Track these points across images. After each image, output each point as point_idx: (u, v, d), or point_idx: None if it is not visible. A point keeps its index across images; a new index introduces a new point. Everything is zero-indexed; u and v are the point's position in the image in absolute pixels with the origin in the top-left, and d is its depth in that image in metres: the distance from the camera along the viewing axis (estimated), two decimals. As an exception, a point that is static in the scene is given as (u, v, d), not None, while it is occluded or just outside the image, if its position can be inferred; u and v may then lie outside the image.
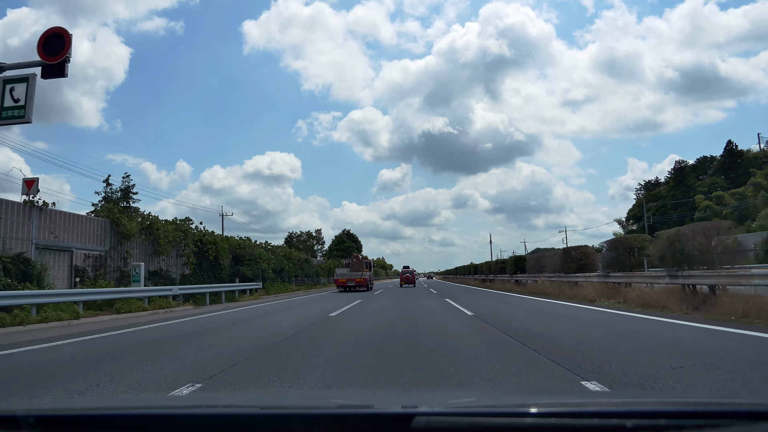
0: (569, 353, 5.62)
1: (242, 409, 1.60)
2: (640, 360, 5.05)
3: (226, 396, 3.45)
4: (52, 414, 1.46)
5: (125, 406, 1.88)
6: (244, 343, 7.38)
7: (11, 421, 1.29)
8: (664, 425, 1.15)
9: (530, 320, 10.37)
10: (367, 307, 15.05)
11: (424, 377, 4.56)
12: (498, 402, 1.86)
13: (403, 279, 44.09)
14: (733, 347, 5.92)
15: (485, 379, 4.44)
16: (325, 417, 1.36)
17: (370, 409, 1.60)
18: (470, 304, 14.55)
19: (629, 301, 12.37)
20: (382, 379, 4.57)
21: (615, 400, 2.09)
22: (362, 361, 5.61)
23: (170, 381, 4.61)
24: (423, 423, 1.11)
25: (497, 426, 1.18)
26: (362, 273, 29.64)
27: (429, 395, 2.72)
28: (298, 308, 15.51)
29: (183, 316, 13.27)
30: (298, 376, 4.72)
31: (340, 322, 10.52)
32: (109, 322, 11.96)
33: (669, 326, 8.03)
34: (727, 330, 7.21)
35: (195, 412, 1.49)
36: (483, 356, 5.71)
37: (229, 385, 4.47)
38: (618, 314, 10.38)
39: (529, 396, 2.49)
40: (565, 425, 1.19)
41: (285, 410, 1.58)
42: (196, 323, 11.15)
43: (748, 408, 1.36)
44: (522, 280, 26.41)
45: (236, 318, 12.48)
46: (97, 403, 2.43)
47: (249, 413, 1.46)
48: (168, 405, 1.89)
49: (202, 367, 5.28)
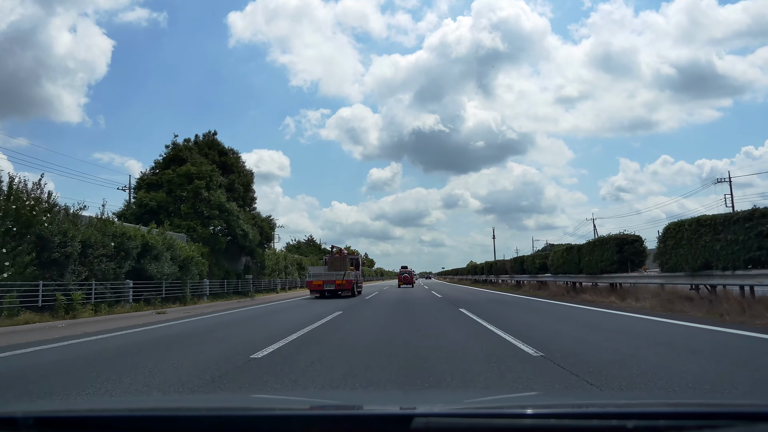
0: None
1: (242, 411, 1.60)
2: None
3: (226, 397, 3.45)
4: (51, 415, 1.46)
5: (124, 407, 1.88)
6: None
7: (10, 423, 1.29)
8: (665, 426, 1.15)
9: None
10: (330, 342, 7.21)
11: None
12: (498, 403, 1.86)
13: (401, 279, 44.17)
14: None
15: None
16: (324, 418, 1.36)
17: (370, 410, 1.60)
18: (518, 328, 8.38)
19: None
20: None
21: (615, 400, 2.09)
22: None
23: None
24: (422, 424, 1.11)
25: (497, 427, 1.18)
26: (345, 273, 21.95)
27: (428, 396, 2.72)
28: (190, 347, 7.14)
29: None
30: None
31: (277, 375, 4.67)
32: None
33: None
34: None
35: (194, 414, 1.49)
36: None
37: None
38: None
39: (529, 397, 2.49)
40: (565, 426, 1.18)
41: (285, 411, 1.58)
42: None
43: (748, 409, 1.36)
44: (546, 281, 23.21)
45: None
46: (96, 405, 2.42)
47: (248, 414, 1.46)
48: (167, 406, 1.89)
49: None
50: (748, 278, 10.05)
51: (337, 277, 21.90)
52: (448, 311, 12.82)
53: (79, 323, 11.28)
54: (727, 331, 7.52)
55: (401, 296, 23.10)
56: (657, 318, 9.78)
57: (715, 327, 8.00)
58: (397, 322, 10.35)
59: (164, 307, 16.55)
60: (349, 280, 22.13)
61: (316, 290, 22.42)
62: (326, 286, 21.84)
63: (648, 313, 10.92)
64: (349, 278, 22.15)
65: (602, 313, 11.51)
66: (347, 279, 21.97)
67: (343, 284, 21.86)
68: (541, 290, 22.89)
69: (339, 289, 21.86)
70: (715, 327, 8.00)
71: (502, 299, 18.72)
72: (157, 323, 11.03)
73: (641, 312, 11.19)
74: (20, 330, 9.88)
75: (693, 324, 8.52)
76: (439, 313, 12.18)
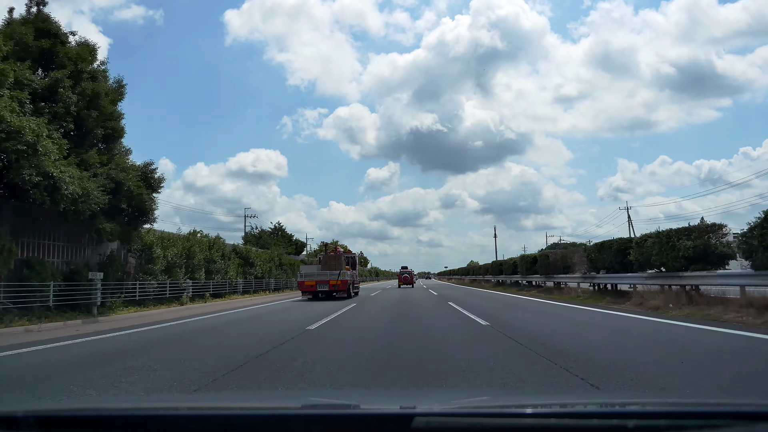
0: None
1: (242, 410, 1.60)
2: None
3: (226, 397, 3.45)
4: (52, 414, 1.46)
5: (126, 407, 1.88)
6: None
7: (11, 422, 1.29)
8: (665, 426, 1.15)
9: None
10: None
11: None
12: (498, 402, 1.86)
13: (401, 280, 45.25)
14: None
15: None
16: (324, 417, 1.36)
17: (370, 409, 1.60)
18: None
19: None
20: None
21: (615, 400, 2.09)
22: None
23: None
24: (423, 423, 1.11)
25: (498, 426, 1.18)
26: (340, 273, 20.52)
27: (429, 396, 2.73)
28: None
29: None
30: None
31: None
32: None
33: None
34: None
35: (195, 413, 1.49)
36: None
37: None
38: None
39: (530, 396, 2.49)
40: (565, 426, 1.18)
41: (285, 411, 1.58)
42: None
43: (749, 408, 1.36)
44: (565, 283, 20.20)
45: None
46: (98, 404, 2.42)
47: (249, 414, 1.46)
48: (168, 406, 1.89)
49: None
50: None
51: (332, 277, 20.38)
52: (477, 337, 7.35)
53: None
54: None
55: (399, 299, 20.12)
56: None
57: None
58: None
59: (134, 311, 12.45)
60: (345, 281, 20.54)
61: (308, 291, 20.83)
62: (320, 287, 20.34)
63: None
64: (345, 278, 20.57)
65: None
66: (342, 279, 20.43)
67: (338, 285, 20.31)
68: (561, 293, 18.27)
69: (334, 290, 20.35)
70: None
71: (525, 305, 14.66)
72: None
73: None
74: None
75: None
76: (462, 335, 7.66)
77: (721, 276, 11.31)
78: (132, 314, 13.19)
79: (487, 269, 41.81)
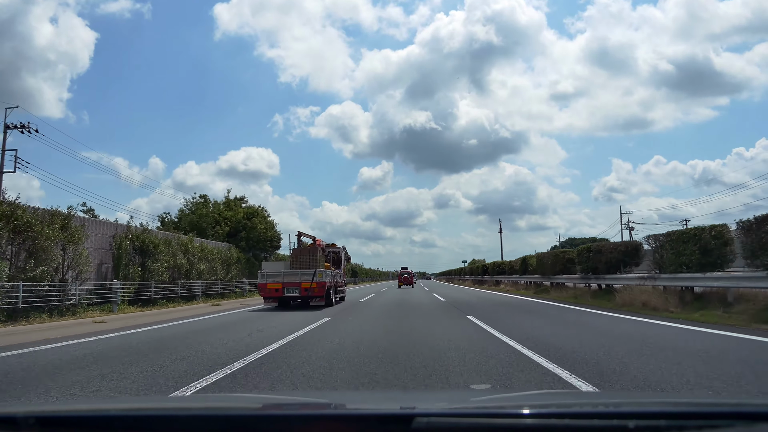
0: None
1: (242, 410, 1.60)
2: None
3: (226, 397, 3.45)
4: (53, 415, 1.46)
5: (125, 407, 1.88)
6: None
7: (11, 422, 1.29)
8: (665, 426, 1.15)
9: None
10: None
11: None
12: (499, 402, 1.86)
13: (401, 280, 46.38)
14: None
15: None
16: (324, 417, 1.36)
17: (370, 409, 1.60)
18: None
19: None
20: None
21: (615, 400, 2.09)
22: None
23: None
24: (423, 424, 1.11)
25: (498, 427, 1.18)
26: (316, 272, 15.51)
27: (429, 396, 2.72)
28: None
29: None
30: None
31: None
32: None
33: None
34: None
35: (195, 413, 1.49)
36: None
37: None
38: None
39: (530, 397, 2.49)
40: (565, 426, 1.18)
41: (284, 411, 1.58)
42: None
43: (749, 408, 1.36)
44: (615, 286, 15.74)
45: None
46: (98, 404, 2.42)
47: (249, 414, 1.46)
48: (168, 406, 1.89)
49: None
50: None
51: (304, 278, 15.44)
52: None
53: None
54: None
55: (399, 305, 16.27)
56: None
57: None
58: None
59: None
60: (322, 283, 15.49)
61: (272, 297, 15.94)
62: (288, 292, 15.53)
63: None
64: (323, 280, 15.54)
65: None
66: (319, 281, 15.42)
67: (313, 288, 15.34)
68: (610, 300, 14.11)
69: (308, 296, 15.52)
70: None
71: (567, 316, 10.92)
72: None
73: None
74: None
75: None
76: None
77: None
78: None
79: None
